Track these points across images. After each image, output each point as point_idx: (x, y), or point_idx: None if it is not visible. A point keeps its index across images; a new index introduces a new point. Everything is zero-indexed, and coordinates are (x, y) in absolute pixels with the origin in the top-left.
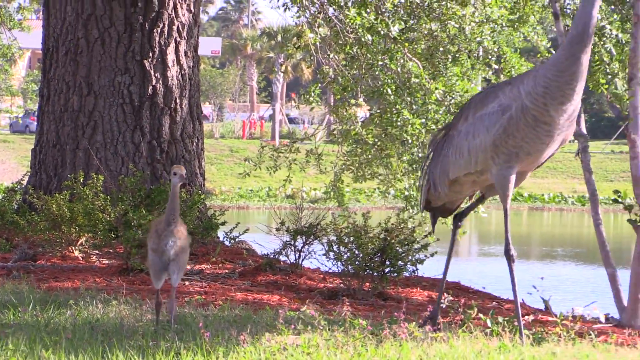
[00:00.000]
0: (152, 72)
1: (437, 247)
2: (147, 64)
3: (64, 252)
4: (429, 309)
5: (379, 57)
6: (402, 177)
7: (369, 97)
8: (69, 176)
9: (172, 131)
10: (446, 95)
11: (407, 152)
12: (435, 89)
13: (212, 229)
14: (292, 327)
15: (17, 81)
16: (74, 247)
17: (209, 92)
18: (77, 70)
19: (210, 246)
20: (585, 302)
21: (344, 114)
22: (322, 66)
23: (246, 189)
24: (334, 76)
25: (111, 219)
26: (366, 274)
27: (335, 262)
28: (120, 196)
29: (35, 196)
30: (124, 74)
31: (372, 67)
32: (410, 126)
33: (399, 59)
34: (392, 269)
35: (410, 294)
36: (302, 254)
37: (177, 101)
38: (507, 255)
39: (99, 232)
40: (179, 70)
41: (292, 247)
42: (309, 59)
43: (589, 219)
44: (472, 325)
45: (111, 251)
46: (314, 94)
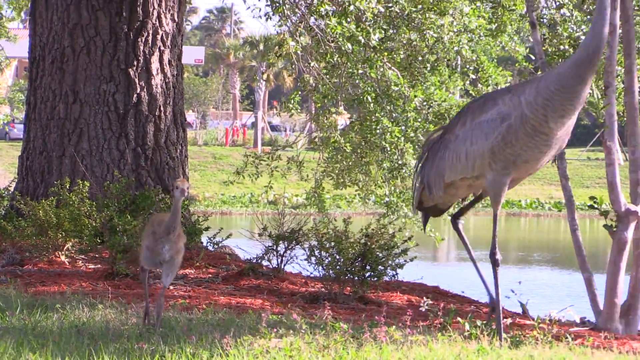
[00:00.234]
0: (136, 80)
1: (416, 252)
2: (131, 73)
3: (50, 257)
4: (408, 313)
5: (359, 66)
6: (382, 183)
7: (349, 105)
8: (56, 182)
9: (156, 138)
10: (425, 103)
11: (387, 159)
12: (414, 98)
13: (195, 234)
14: (275, 330)
15: (4, 90)
16: (60, 252)
17: (192, 100)
18: (63, 78)
19: (194, 251)
20: (561, 306)
21: (325, 121)
22: (303, 75)
23: (229, 195)
24: (314, 84)
25: (97, 225)
26: (347, 278)
27: (316, 266)
28: (105, 202)
29: (22, 202)
30: (109, 82)
31: (353, 75)
32: (389, 134)
33: (378, 67)
34: (372, 274)
35: (390, 298)
36: (284, 258)
37: (161, 109)
38: (493, 258)
39: (85, 238)
40: (163, 78)
41: (275, 252)
42: (291, 67)
43: (565, 225)
44: (451, 328)
45: (97, 256)
46: (294, 102)
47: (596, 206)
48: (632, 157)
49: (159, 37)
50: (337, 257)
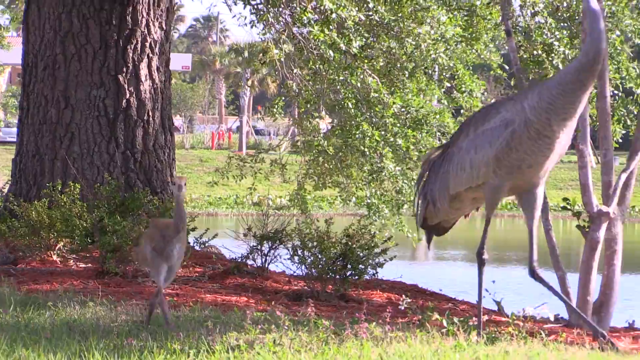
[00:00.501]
0: (126, 86)
1: (395, 252)
2: (121, 79)
3: (43, 256)
4: (388, 310)
5: (341, 73)
6: (363, 186)
7: (331, 110)
8: (48, 185)
9: (145, 142)
10: (403, 109)
11: (367, 163)
12: (392, 104)
13: None
14: (259, 327)
15: None
16: (52, 252)
17: (179, 105)
18: (55, 84)
19: None
20: (535, 304)
21: (308, 126)
22: (287, 81)
23: (215, 197)
24: (297, 90)
25: (88, 225)
26: (329, 277)
27: (299, 265)
28: (96, 204)
29: (15, 203)
30: (100, 88)
31: (334, 82)
32: (369, 138)
33: (359, 74)
34: (353, 272)
35: (370, 295)
36: (268, 258)
37: (150, 114)
38: (479, 257)
39: (76, 238)
40: (151, 84)
41: (259, 252)
42: (275, 73)
43: (539, 225)
44: (429, 325)
45: (88, 255)
46: (278, 107)
47: (569, 207)
48: (604, 160)
49: (148, 44)
50: (319, 256)
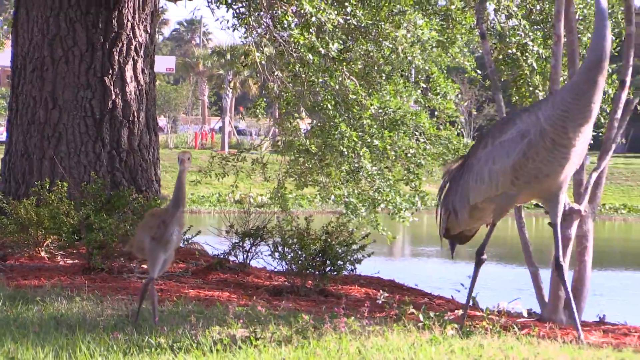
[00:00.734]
0: (111, 87)
1: (373, 248)
2: (107, 80)
3: (31, 253)
4: (366, 305)
5: (320, 75)
6: (341, 185)
7: (311, 111)
8: (36, 183)
9: (130, 142)
10: (380, 110)
11: (346, 162)
12: (370, 105)
13: None
14: (241, 321)
15: None
16: (40, 248)
17: (164, 106)
18: (43, 86)
19: None
20: (509, 299)
21: (288, 126)
22: (268, 83)
23: (198, 195)
24: (278, 92)
25: (75, 223)
26: (308, 272)
27: (280, 261)
28: (83, 201)
29: (4, 202)
30: (86, 89)
31: (313, 84)
32: (347, 138)
33: (337, 77)
34: (332, 268)
35: (349, 290)
36: (249, 254)
37: (135, 114)
38: (478, 257)
39: (64, 235)
40: (136, 86)
41: (241, 248)
42: (256, 76)
43: (512, 222)
44: (406, 319)
45: (74, 252)
46: (259, 108)
47: (542, 205)
48: None
49: (133, 47)
50: (299, 252)
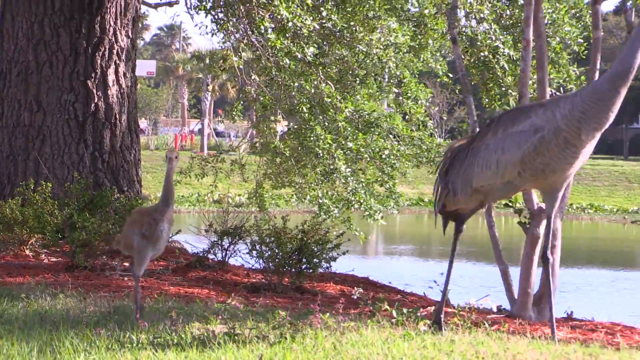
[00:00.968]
0: (94, 91)
1: (348, 247)
2: (90, 84)
3: (16, 251)
4: (341, 301)
5: (296, 79)
6: (316, 186)
7: (287, 114)
8: (21, 183)
9: (112, 143)
10: (355, 114)
11: (320, 164)
12: (345, 108)
13: None
14: (220, 317)
15: None
16: (25, 247)
17: (145, 109)
18: (28, 89)
19: None
20: (480, 296)
21: (265, 129)
22: (245, 86)
23: (178, 195)
24: (255, 95)
25: (58, 222)
26: (285, 270)
27: (257, 259)
28: (66, 201)
29: None
30: (70, 92)
31: (289, 88)
32: (322, 141)
33: (313, 80)
34: (308, 266)
35: (324, 288)
36: (228, 252)
37: (117, 117)
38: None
39: (48, 233)
40: (118, 89)
41: (220, 247)
42: (234, 79)
43: (483, 221)
44: (380, 315)
45: (58, 250)
46: (237, 111)
47: (511, 205)
48: None
49: (115, 51)
50: (276, 251)
